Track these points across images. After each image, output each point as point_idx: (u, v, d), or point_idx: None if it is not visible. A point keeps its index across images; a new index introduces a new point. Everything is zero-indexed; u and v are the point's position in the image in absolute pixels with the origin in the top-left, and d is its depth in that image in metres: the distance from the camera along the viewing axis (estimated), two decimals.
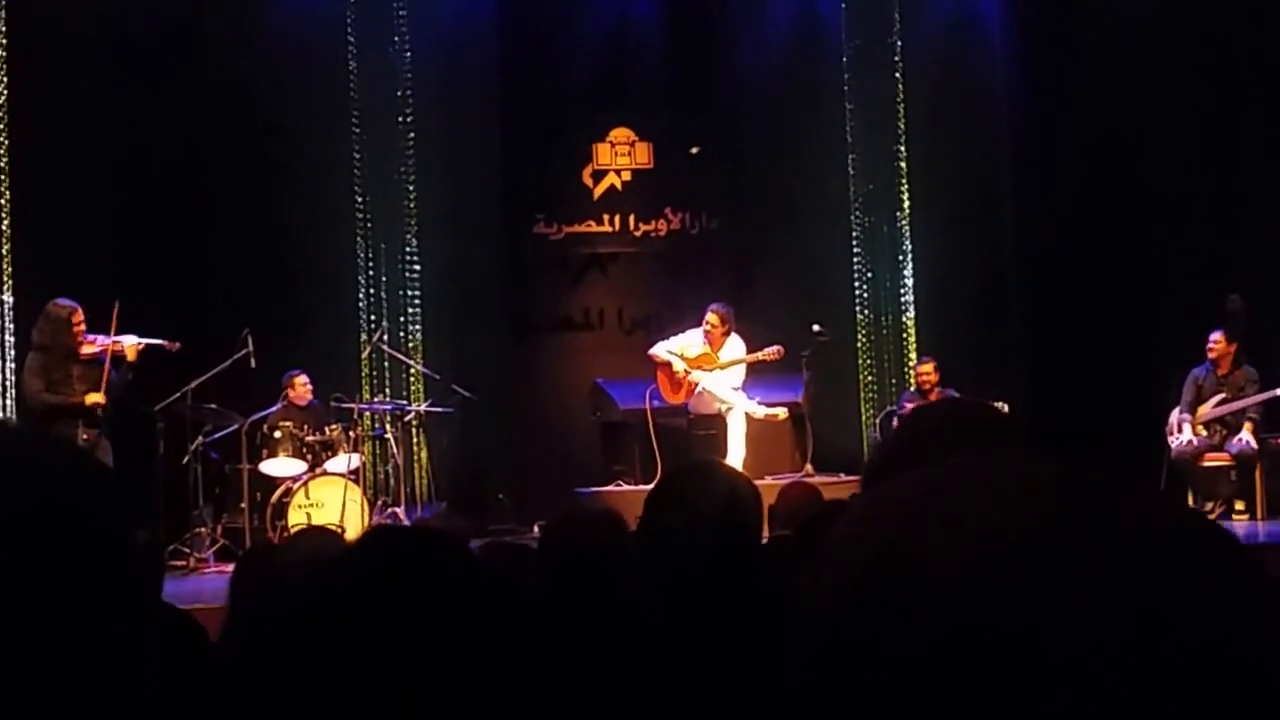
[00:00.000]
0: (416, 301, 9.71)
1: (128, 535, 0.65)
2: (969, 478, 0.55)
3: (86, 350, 6.86)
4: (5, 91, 8.27)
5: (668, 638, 2.00)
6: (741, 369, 8.28)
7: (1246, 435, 7.76)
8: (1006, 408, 7.32)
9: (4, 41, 8.28)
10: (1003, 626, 0.48)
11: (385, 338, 9.07)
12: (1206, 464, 7.86)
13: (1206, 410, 7.92)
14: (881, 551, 0.52)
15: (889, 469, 1.15)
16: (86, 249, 8.05)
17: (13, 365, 7.94)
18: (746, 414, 8.16)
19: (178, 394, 7.46)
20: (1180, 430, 7.93)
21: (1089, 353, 9.03)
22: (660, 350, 8.42)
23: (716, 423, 8.22)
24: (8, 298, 8.21)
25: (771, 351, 8.23)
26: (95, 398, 6.77)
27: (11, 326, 8.11)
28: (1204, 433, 7.92)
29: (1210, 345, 7.96)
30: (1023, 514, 0.51)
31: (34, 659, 0.60)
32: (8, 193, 8.29)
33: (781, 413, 8.32)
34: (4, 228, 8.28)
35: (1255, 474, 7.77)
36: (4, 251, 8.28)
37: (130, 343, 6.91)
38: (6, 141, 8.28)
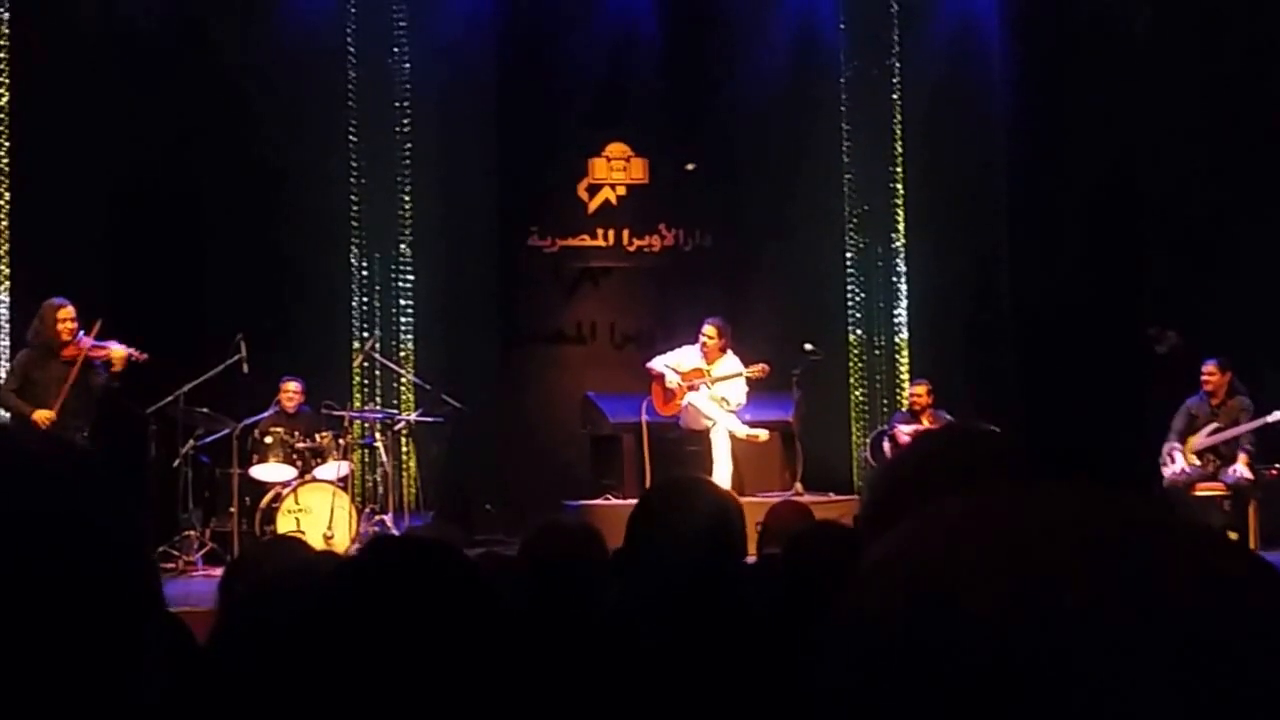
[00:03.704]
0: (409, 311, 9.71)
1: (136, 538, 0.66)
2: (1024, 506, 0.54)
3: (69, 351, 6.85)
4: (6, 95, 8.28)
5: (650, 653, 2.01)
6: (743, 386, 8.30)
7: (1241, 467, 7.77)
8: (997, 431, 7.32)
9: (6, 44, 8.29)
10: (1053, 661, 0.48)
11: (377, 346, 9.08)
12: (1199, 493, 7.86)
13: (1200, 439, 7.93)
14: (930, 572, 0.52)
15: (892, 494, 1.16)
16: (83, 252, 8.06)
17: (7, 365, 7.94)
18: (729, 432, 8.18)
19: (170, 397, 7.46)
20: (1173, 460, 7.94)
21: (1082, 377, 9.05)
22: (657, 363, 8.45)
23: (704, 439, 8.24)
24: (4, 297, 8.22)
25: (757, 368, 8.24)
26: (43, 415, 6.72)
27: (7, 327, 8.11)
28: (1197, 462, 7.94)
29: (1205, 376, 7.97)
30: (1080, 548, 0.51)
31: (40, 663, 0.61)
32: (7, 194, 8.30)
33: (763, 434, 8.31)
34: (2, 229, 8.29)
35: (1249, 505, 7.78)
36: (3, 253, 8.28)
37: (119, 351, 6.88)
38: (7, 144, 8.30)
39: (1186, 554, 0.52)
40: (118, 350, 6.88)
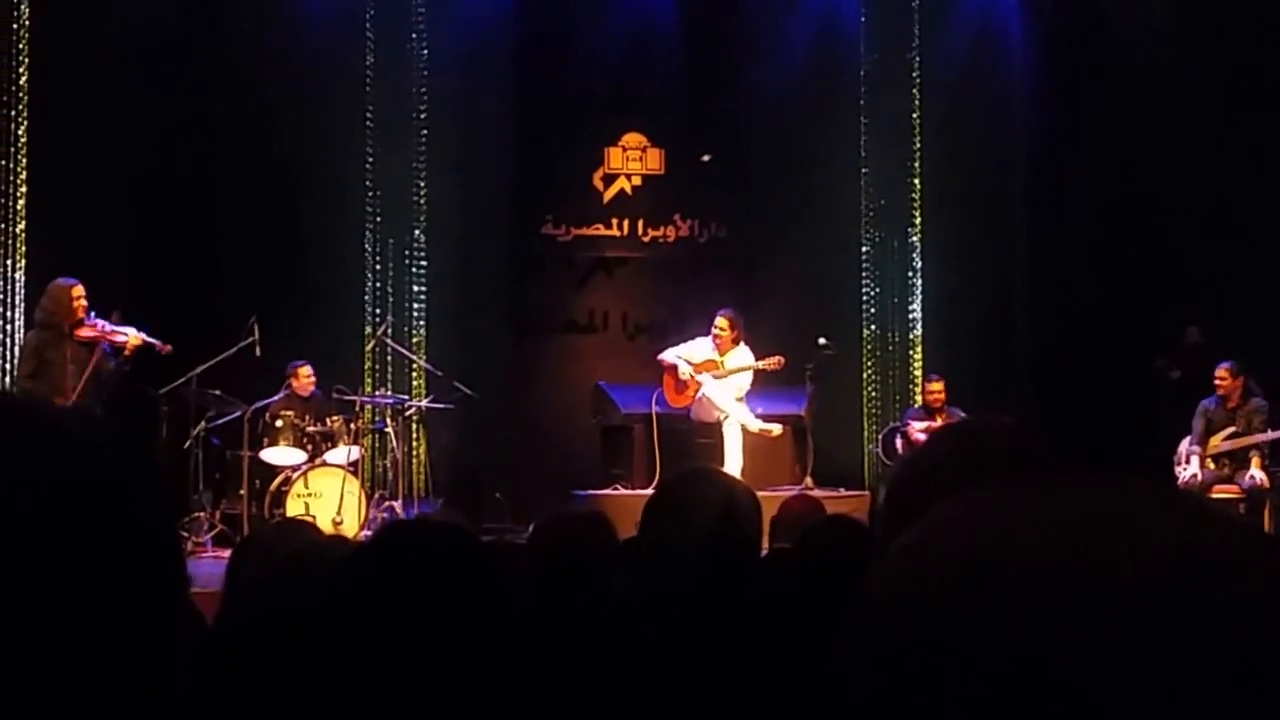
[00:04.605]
0: (422, 297, 9.72)
1: (165, 515, 0.65)
2: (1057, 496, 0.53)
3: (84, 333, 6.83)
4: (26, 74, 8.30)
5: (658, 643, 2.00)
6: (748, 377, 8.28)
7: (1257, 471, 7.73)
8: (1017, 425, 7.29)
9: (28, 24, 8.30)
10: (1085, 657, 0.47)
11: (389, 332, 9.08)
12: (1214, 497, 7.82)
13: (1217, 443, 7.89)
14: (962, 560, 0.51)
15: (912, 486, 1.14)
16: (99, 233, 8.08)
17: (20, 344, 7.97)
18: (742, 425, 8.16)
19: (182, 379, 7.47)
20: (1188, 462, 7.90)
21: (1098, 376, 8.99)
22: (669, 354, 8.43)
23: (715, 431, 8.22)
24: (20, 276, 8.25)
25: (773, 361, 8.21)
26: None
27: (23, 305, 8.14)
28: (1212, 466, 7.91)
29: (1217, 381, 7.92)
30: (1116, 539, 0.50)
31: (71, 641, 0.59)
32: (24, 173, 8.31)
33: (776, 429, 8.28)
34: (20, 208, 8.30)
35: (1265, 510, 7.74)
36: (19, 231, 8.30)
37: (133, 336, 6.88)
38: (26, 123, 8.31)
39: (1226, 546, 0.50)
40: (135, 337, 6.87)
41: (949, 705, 0.48)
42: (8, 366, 8.13)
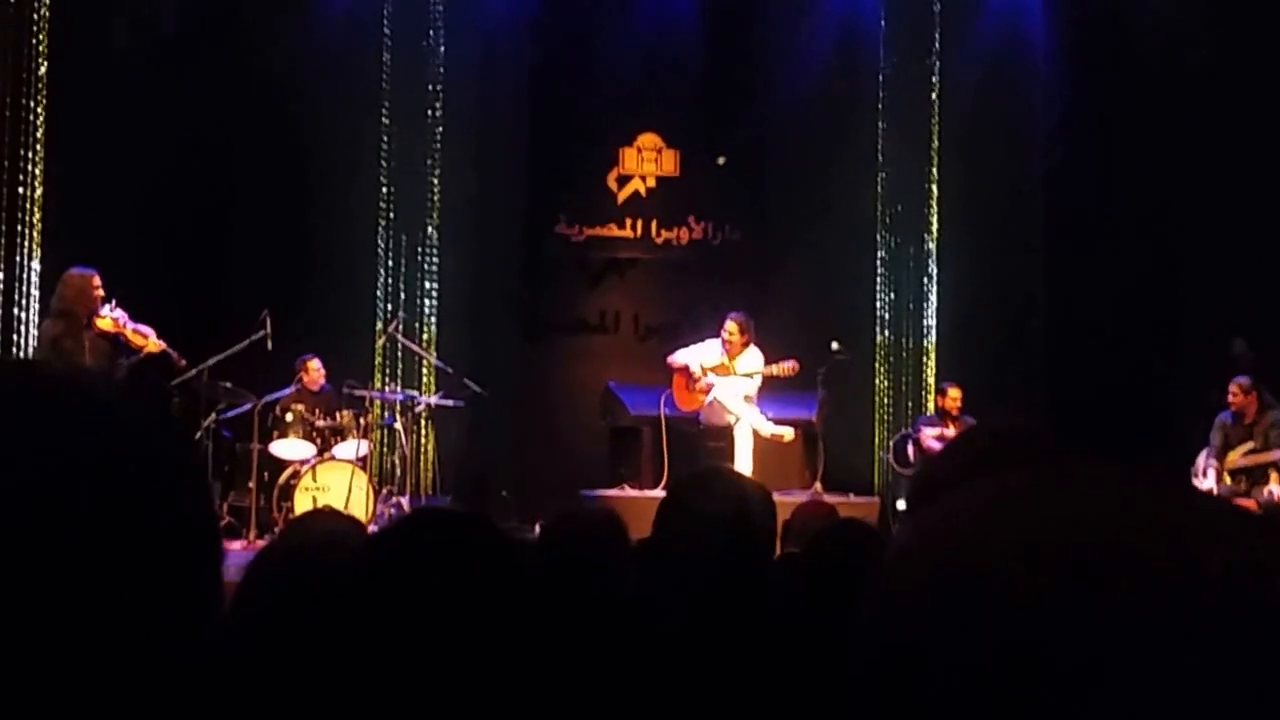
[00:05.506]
0: (434, 294, 9.73)
1: (205, 491, 0.64)
2: (1051, 490, 0.52)
3: (101, 323, 6.82)
4: (44, 64, 8.32)
5: (673, 643, 1.99)
6: (757, 381, 8.25)
7: (1276, 487, 7.69)
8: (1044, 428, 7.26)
9: (46, 14, 8.33)
10: (1068, 651, 0.46)
11: (401, 328, 9.09)
12: None
13: (1235, 459, 7.85)
14: (953, 559, 0.50)
15: (938, 485, 1.13)
16: (114, 224, 8.09)
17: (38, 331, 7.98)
18: (753, 429, 8.13)
19: (194, 370, 7.49)
20: (1205, 475, 7.87)
21: (1112, 387, 8.96)
22: (679, 356, 8.41)
23: (725, 434, 8.20)
24: (36, 265, 8.26)
25: (787, 366, 8.18)
26: None
27: (38, 294, 8.16)
28: (1229, 481, 7.87)
29: (1229, 397, 7.88)
30: (1107, 534, 0.49)
31: (114, 611, 0.58)
32: (41, 164, 8.33)
33: (788, 433, 8.25)
34: (36, 198, 8.32)
35: None
36: (34, 222, 8.32)
37: (153, 343, 6.88)
38: (43, 113, 8.33)
39: (1231, 543, 0.48)
40: (155, 344, 6.87)
41: (938, 709, 0.48)
42: (23, 355, 8.15)
